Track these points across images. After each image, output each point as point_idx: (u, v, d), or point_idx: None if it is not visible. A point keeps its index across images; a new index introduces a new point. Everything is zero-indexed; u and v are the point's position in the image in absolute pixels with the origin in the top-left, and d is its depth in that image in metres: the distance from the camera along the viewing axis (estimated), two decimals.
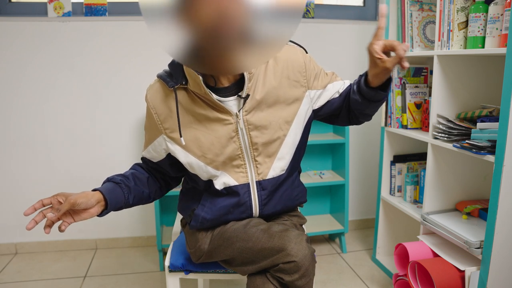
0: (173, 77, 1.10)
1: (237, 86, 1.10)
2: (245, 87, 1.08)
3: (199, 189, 1.23)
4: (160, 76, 1.13)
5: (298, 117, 1.16)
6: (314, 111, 1.21)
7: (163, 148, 1.16)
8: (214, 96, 1.07)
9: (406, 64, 0.94)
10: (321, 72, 1.21)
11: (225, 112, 1.09)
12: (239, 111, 1.10)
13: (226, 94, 1.09)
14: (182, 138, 1.09)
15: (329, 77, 1.22)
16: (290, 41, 1.19)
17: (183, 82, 1.08)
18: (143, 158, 1.25)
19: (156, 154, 1.19)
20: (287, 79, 1.14)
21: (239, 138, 1.12)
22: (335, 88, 1.21)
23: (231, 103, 1.10)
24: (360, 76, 1.14)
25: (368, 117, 1.24)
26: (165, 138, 1.14)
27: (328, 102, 1.21)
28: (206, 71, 0.98)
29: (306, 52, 1.20)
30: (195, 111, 1.10)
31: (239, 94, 1.09)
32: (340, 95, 1.21)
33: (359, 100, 1.14)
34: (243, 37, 0.76)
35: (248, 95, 1.09)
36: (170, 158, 1.19)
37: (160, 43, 0.75)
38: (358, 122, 1.26)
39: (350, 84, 1.22)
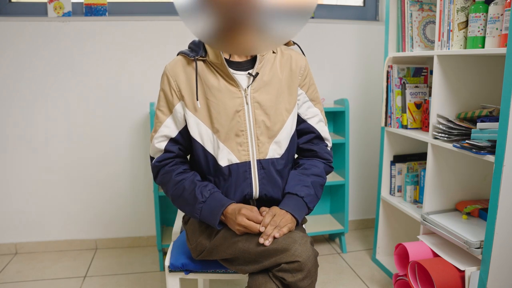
0: (194, 51, 1.23)
1: (249, 65, 1.23)
2: (256, 66, 1.20)
3: (201, 174, 1.27)
4: (183, 52, 1.25)
5: (295, 108, 1.26)
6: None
7: (183, 115, 1.22)
8: (230, 70, 1.18)
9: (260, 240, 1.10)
10: (313, 85, 1.32)
11: (235, 86, 1.20)
12: (247, 87, 1.20)
13: (238, 68, 1.22)
14: (198, 102, 1.19)
15: (316, 96, 1.32)
16: (299, 47, 1.33)
17: (203, 55, 1.21)
18: (154, 158, 1.28)
19: (176, 124, 1.24)
20: (290, 70, 1.25)
21: (245, 113, 1.20)
22: (309, 111, 1.30)
23: (241, 77, 1.21)
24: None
25: None
26: (182, 104, 1.21)
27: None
28: (225, 50, 1.14)
29: None
30: (210, 82, 1.20)
31: (250, 72, 1.21)
32: (303, 121, 1.30)
33: None
34: (254, 26, 0.84)
35: (257, 74, 1.21)
36: (186, 130, 1.24)
37: (191, 30, 0.88)
38: None
39: (315, 133, 1.31)
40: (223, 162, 1.21)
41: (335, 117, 2.33)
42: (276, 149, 1.23)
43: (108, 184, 2.33)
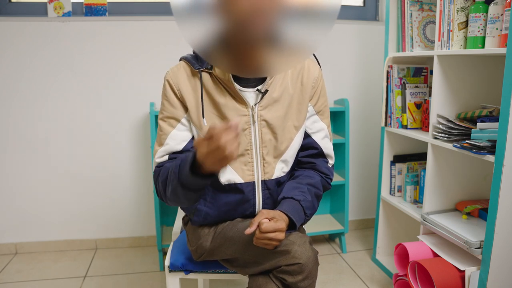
0: (199, 60, 1.13)
1: (258, 80, 1.13)
2: (265, 82, 1.12)
3: None
4: (185, 58, 1.15)
5: (304, 124, 1.19)
6: None
7: (189, 127, 1.14)
8: (236, 85, 1.10)
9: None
10: (323, 97, 1.22)
11: (242, 103, 1.12)
12: (255, 104, 1.12)
13: (246, 85, 1.12)
14: (204, 119, 1.10)
15: (324, 109, 1.24)
16: (315, 57, 1.23)
17: (209, 67, 1.11)
18: (162, 161, 1.15)
19: (183, 135, 1.14)
20: (301, 85, 1.17)
21: (251, 132, 1.13)
22: (315, 125, 1.22)
23: (249, 94, 1.13)
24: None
25: None
26: (188, 117, 1.14)
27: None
28: (229, 70, 0.99)
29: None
30: (215, 97, 1.12)
31: (259, 88, 1.12)
32: (307, 136, 1.22)
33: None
34: (273, 37, 0.73)
35: (266, 91, 1.12)
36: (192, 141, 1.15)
37: (187, 37, 0.73)
38: None
39: (318, 149, 1.22)
40: (223, 180, 1.14)
41: (335, 117, 2.32)
42: (283, 168, 1.18)
43: (108, 184, 2.33)
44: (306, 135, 1.22)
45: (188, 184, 1.00)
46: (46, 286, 1.98)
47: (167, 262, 1.31)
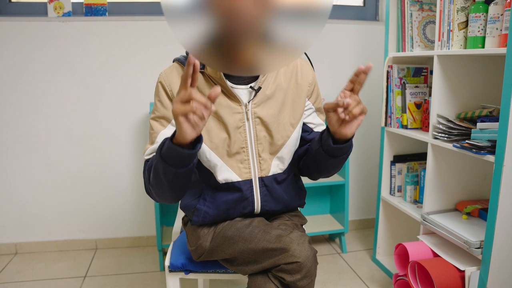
0: None
1: (250, 77, 1.14)
2: (258, 80, 1.12)
3: (201, 183, 1.22)
4: (178, 59, 1.16)
5: (301, 121, 1.20)
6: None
7: None
8: (228, 83, 1.10)
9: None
10: (319, 95, 1.25)
11: (235, 101, 1.12)
12: (248, 102, 1.13)
13: (238, 82, 1.13)
14: None
15: (321, 106, 1.25)
16: (307, 57, 1.24)
17: (201, 66, 1.11)
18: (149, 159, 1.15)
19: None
20: (295, 82, 1.18)
21: (245, 130, 1.14)
22: (316, 120, 1.24)
23: (242, 91, 1.13)
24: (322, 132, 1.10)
25: (316, 176, 1.22)
26: None
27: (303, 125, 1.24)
28: (220, 68, 0.97)
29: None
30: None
31: (251, 85, 1.12)
32: (311, 132, 1.23)
33: (319, 151, 1.10)
34: (263, 35, 0.73)
35: (260, 88, 1.12)
36: None
37: (178, 37, 0.74)
38: (306, 174, 1.26)
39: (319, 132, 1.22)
40: (221, 178, 1.15)
41: None
42: (279, 165, 1.19)
43: (108, 184, 2.33)
44: (311, 130, 1.23)
45: (168, 155, 0.93)
46: (46, 286, 1.98)
47: (167, 262, 1.31)
